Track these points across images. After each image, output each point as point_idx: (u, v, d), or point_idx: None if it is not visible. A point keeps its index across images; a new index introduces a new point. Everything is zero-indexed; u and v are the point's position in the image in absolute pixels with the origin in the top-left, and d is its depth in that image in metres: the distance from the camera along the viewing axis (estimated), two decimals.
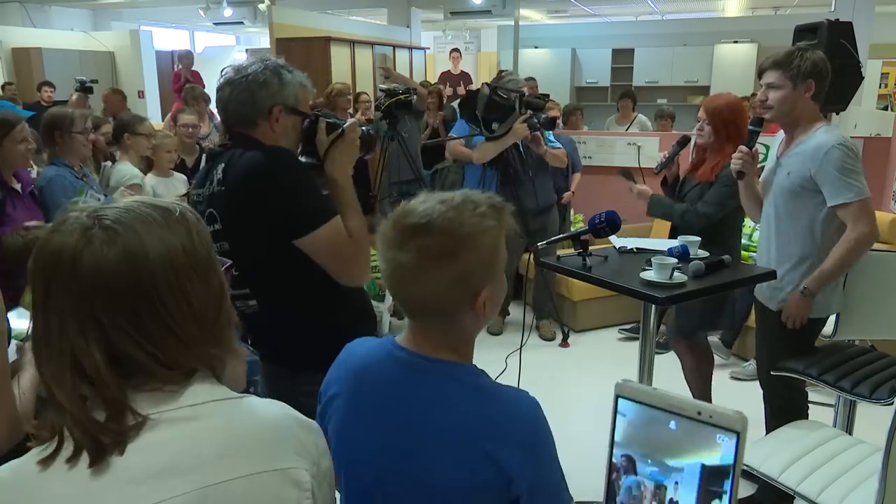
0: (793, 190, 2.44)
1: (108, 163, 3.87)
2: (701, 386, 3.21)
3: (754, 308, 2.75)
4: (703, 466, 0.61)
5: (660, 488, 0.65)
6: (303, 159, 1.80)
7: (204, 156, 2.01)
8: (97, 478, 0.75)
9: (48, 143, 3.19)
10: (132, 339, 0.79)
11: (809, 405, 2.77)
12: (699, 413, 0.61)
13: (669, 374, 4.07)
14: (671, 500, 0.65)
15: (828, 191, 2.34)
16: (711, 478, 0.61)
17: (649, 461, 0.65)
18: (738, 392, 3.80)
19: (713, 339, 3.98)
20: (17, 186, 2.80)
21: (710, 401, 3.18)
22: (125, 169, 3.63)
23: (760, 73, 2.51)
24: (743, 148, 2.55)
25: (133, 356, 0.80)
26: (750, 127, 2.57)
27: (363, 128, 1.85)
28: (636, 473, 0.67)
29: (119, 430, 0.77)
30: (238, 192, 1.68)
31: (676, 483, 0.64)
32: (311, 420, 0.92)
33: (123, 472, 0.76)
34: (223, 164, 1.72)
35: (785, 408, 2.61)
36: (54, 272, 0.79)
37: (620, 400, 0.67)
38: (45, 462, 0.76)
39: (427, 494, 1.09)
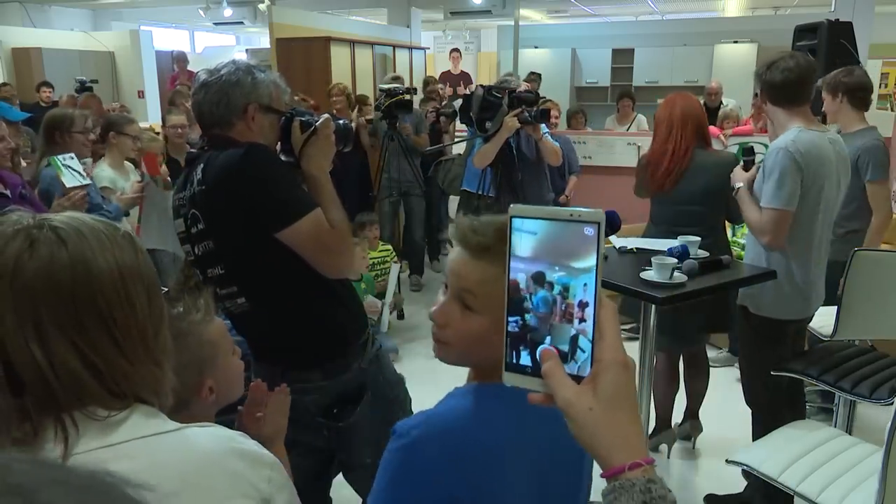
0: (758, 185, 2.52)
1: (88, 159, 3.85)
2: (664, 399, 3.13)
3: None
4: (596, 266, 0.66)
5: (567, 291, 0.66)
6: (282, 158, 1.81)
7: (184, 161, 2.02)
8: None
9: (49, 143, 3.17)
10: (76, 349, 0.75)
11: (807, 405, 2.78)
12: (571, 215, 0.66)
13: None
14: (581, 301, 0.66)
15: (763, 191, 2.44)
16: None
17: (556, 268, 0.67)
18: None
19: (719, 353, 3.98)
20: (7, 192, 2.76)
21: (670, 415, 3.16)
22: (99, 172, 3.61)
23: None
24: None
25: (74, 370, 0.75)
26: (743, 158, 2.65)
27: (340, 121, 1.86)
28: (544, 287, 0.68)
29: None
30: (217, 189, 1.69)
31: (585, 285, 0.66)
32: (263, 452, 0.86)
33: None
34: (202, 165, 1.73)
35: (760, 407, 2.67)
36: None
37: (515, 220, 0.68)
38: None
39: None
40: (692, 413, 3.22)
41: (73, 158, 2.98)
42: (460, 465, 0.97)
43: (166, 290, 1.61)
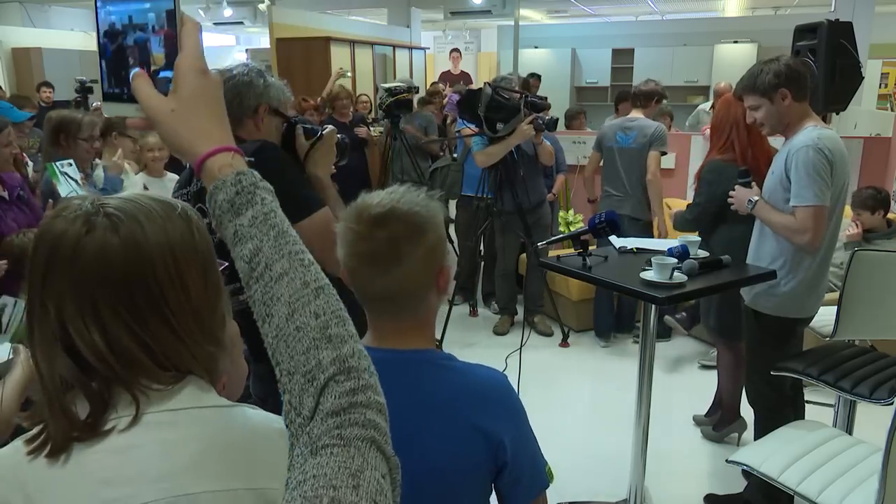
0: (772, 187, 2.50)
1: (97, 160, 3.85)
2: (731, 389, 3.19)
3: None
4: None
5: (147, 23, 0.75)
6: None
7: None
8: (70, 472, 0.75)
9: (52, 144, 3.14)
10: (129, 329, 0.78)
11: (808, 405, 2.78)
12: None
13: (669, 376, 4.08)
14: (164, 28, 0.74)
15: (792, 190, 2.40)
16: None
17: (134, 3, 0.74)
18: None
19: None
20: (4, 194, 2.74)
21: (738, 404, 3.17)
22: (100, 173, 3.58)
23: (740, 98, 2.62)
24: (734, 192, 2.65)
25: (128, 349, 0.78)
26: (739, 180, 2.64)
27: (339, 136, 1.96)
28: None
29: (92, 427, 0.77)
30: None
31: (165, 13, 0.74)
32: None
33: (97, 472, 0.75)
34: None
35: (766, 406, 2.66)
36: (55, 255, 0.78)
37: None
38: (28, 447, 0.77)
39: (424, 484, 1.11)
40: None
41: (71, 165, 2.95)
42: None
43: (226, 264, 1.63)
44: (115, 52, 0.76)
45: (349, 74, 7.38)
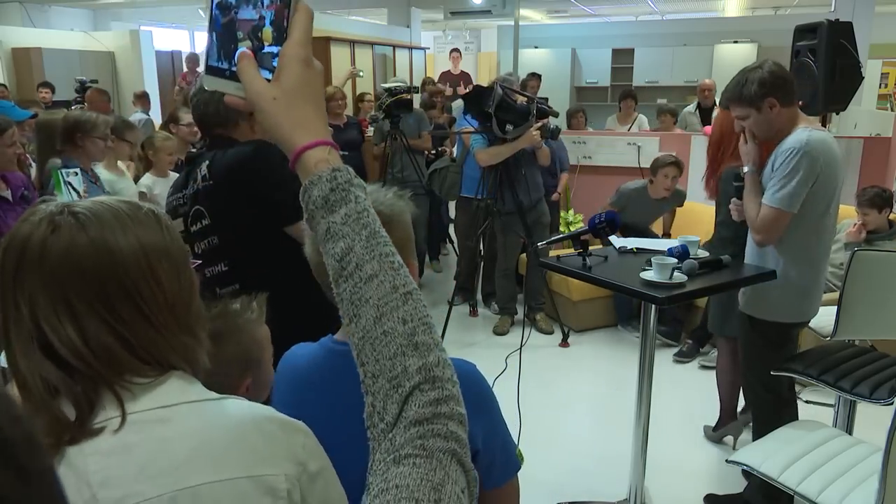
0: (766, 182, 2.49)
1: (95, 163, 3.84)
2: (728, 389, 3.19)
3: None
4: None
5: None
6: None
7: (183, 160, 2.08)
8: (66, 477, 0.74)
9: (67, 143, 3.14)
10: (104, 322, 0.79)
11: (808, 405, 2.77)
12: None
13: (669, 376, 4.07)
14: (277, 6, 0.71)
15: (767, 186, 2.40)
16: None
17: None
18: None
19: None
20: (7, 194, 2.72)
21: (735, 406, 3.18)
22: (106, 175, 3.58)
23: (727, 108, 2.62)
24: (735, 201, 2.66)
25: (105, 343, 0.79)
26: (735, 184, 2.64)
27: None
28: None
29: (82, 431, 0.76)
30: (227, 184, 1.73)
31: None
32: (295, 420, 0.89)
33: (95, 473, 0.75)
34: (207, 162, 1.78)
35: (762, 408, 2.66)
36: (23, 258, 0.79)
37: None
38: None
39: None
40: None
41: (76, 174, 2.92)
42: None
43: (199, 262, 1.66)
44: (226, 25, 0.73)
45: (362, 74, 7.34)
